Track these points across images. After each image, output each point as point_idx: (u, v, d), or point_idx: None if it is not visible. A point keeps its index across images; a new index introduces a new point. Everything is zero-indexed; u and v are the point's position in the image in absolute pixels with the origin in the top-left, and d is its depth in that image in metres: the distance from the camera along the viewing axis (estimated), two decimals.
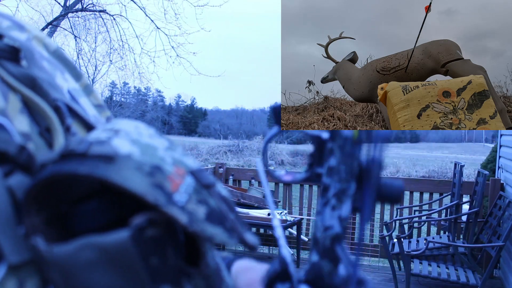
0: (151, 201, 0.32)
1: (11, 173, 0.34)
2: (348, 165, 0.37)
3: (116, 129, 0.36)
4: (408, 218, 5.14)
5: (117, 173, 0.32)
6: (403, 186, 0.39)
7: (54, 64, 0.47)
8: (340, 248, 0.39)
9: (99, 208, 0.35)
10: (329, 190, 0.37)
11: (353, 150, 0.37)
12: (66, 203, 0.36)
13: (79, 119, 0.44)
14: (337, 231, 0.38)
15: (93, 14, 11.37)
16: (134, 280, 0.32)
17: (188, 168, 0.36)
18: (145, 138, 0.36)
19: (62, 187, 0.35)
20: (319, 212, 0.38)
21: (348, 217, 0.38)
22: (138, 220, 0.32)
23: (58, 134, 0.39)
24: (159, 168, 0.34)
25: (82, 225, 0.35)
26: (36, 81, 0.40)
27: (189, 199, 0.34)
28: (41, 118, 0.39)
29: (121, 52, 11.88)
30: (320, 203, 0.38)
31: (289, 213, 5.48)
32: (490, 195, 4.98)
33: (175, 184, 0.34)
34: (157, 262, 0.33)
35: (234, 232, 0.35)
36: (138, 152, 0.34)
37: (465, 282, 4.08)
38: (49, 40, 0.50)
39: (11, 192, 0.34)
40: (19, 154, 0.35)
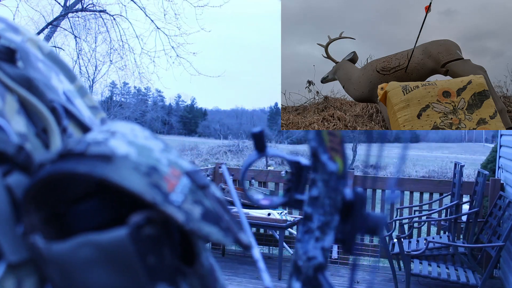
0: (149, 199, 0.33)
1: (10, 172, 0.35)
2: (332, 199, 0.38)
3: (112, 130, 0.37)
4: (408, 218, 5.15)
5: (115, 173, 0.33)
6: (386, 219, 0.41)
7: (49, 66, 0.48)
8: (323, 277, 0.40)
9: (96, 208, 0.36)
10: (313, 221, 0.39)
11: (337, 185, 0.38)
12: (63, 203, 0.36)
13: (75, 120, 0.45)
14: (320, 261, 0.39)
15: (93, 14, 11.37)
16: (132, 278, 0.32)
17: (183, 170, 0.37)
18: (141, 140, 0.37)
19: (59, 187, 0.36)
20: (300, 240, 0.39)
21: (330, 247, 0.39)
22: (136, 218, 0.33)
23: (55, 135, 0.40)
24: (155, 169, 0.35)
25: (80, 224, 0.35)
26: (32, 82, 0.41)
27: (185, 199, 0.35)
28: (37, 119, 0.40)
29: (121, 52, 11.89)
30: (301, 231, 0.39)
31: (289, 213, 5.48)
32: (490, 195, 4.98)
33: (171, 185, 0.35)
34: (154, 260, 0.33)
35: (229, 232, 0.36)
36: (135, 153, 0.35)
37: (465, 282, 4.08)
38: (43, 43, 0.51)
39: (10, 191, 0.34)
40: (18, 154, 0.35)
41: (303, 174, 0.40)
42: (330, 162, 0.37)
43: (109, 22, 11.41)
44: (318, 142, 0.37)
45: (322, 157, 0.37)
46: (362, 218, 0.39)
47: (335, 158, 0.37)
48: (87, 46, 12.63)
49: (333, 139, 0.37)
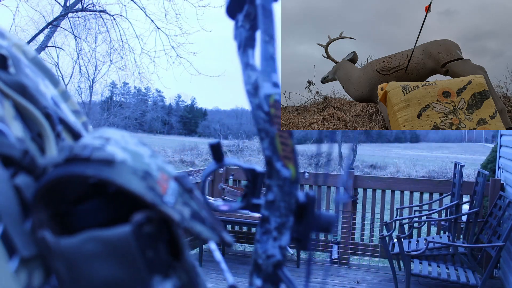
0: (149, 200, 0.36)
1: (16, 174, 0.38)
2: (286, 202, 0.42)
3: (105, 137, 0.39)
4: (408, 218, 5.14)
5: (119, 176, 0.36)
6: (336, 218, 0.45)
7: (34, 71, 0.49)
8: (281, 272, 0.43)
9: (96, 208, 0.39)
10: (270, 223, 0.42)
11: (291, 189, 0.41)
12: (65, 202, 0.39)
13: (65, 126, 0.47)
14: (278, 259, 0.43)
15: (93, 14, 11.37)
16: (133, 270, 0.35)
17: (170, 175, 0.40)
18: (132, 146, 0.40)
19: (62, 189, 0.38)
20: (259, 240, 0.43)
21: (287, 245, 0.43)
22: (138, 217, 0.36)
23: (50, 140, 0.42)
24: (149, 173, 0.38)
25: (83, 222, 0.38)
26: (26, 88, 0.43)
27: (176, 201, 0.38)
28: (33, 124, 0.42)
29: (121, 52, 11.90)
30: (260, 232, 0.43)
31: None
32: (490, 195, 4.98)
33: (163, 188, 0.38)
34: (152, 254, 0.37)
35: (215, 230, 0.40)
36: (130, 159, 0.38)
37: (465, 282, 4.08)
38: (27, 47, 0.52)
39: (18, 191, 0.37)
40: (23, 158, 0.38)
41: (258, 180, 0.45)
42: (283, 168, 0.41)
43: (109, 22, 11.42)
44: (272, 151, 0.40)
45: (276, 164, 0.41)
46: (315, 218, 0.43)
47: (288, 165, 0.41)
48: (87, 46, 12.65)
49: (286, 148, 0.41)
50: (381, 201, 5.58)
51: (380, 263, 5.44)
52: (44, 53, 13.18)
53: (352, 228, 5.58)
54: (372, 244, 5.54)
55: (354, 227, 5.64)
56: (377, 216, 5.68)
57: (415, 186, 5.49)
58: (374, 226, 5.69)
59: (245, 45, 0.43)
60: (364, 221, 5.67)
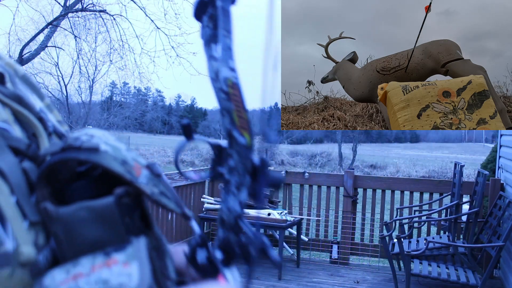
0: (127, 179, 0.48)
1: (22, 161, 0.50)
2: (244, 164, 0.51)
3: (90, 134, 0.51)
4: (408, 218, 5.15)
5: (104, 160, 0.48)
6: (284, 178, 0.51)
7: (24, 87, 0.62)
8: (242, 222, 0.52)
9: (85, 186, 0.51)
10: (231, 184, 0.51)
11: (247, 154, 0.50)
12: (59, 181, 0.51)
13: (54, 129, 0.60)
14: (238, 212, 0.52)
15: (93, 14, 11.37)
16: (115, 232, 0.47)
17: (142, 164, 0.52)
18: (112, 142, 0.51)
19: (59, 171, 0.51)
20: (223, 200, 0.52)
21: (245, 201, 0.52)
22: (119, 190, 0.48)
23: (43, 139, 0.54)
24: (126, 162, 0.50)
25: (75, 197, 0.50)
26: (22, 98, 0.55)
27: (148, 182, 0.50)
28: (28, 127, 0.54)
29: (121, 52, 11.89)
30: (223, 194, 0.52)
31: (289, 213, 5.49)
32: (490, 195, 4.98)
33: (138, 172, 0.50)
34: (129, 220, 0.48)
35: (178, 205, 0.52)
36: (111, 150, 0.49)
37: (465, 282, 4.08)
38: (18, 66, 0.64)
39: (25, 173, 0.49)
40: (28, 149, 0.51)
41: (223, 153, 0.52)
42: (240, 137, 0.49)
43: (109, 22, 11.41)
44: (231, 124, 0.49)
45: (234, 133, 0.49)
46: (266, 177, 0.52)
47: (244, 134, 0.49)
48: (87, 46, 12.64)
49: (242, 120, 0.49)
50: (381, 201, 5.59)
51: (380, 263, 5.44)
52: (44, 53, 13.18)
53: (352, 228, 5.58)
54: (372, 244, 5.55)
55: (354, 227, 5.64)
56: (377, 216, 5.68)
57: (415, 186, 5.50)
58: (374, 226, 5.70)
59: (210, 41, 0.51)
60: (364, 221, 5.67)
